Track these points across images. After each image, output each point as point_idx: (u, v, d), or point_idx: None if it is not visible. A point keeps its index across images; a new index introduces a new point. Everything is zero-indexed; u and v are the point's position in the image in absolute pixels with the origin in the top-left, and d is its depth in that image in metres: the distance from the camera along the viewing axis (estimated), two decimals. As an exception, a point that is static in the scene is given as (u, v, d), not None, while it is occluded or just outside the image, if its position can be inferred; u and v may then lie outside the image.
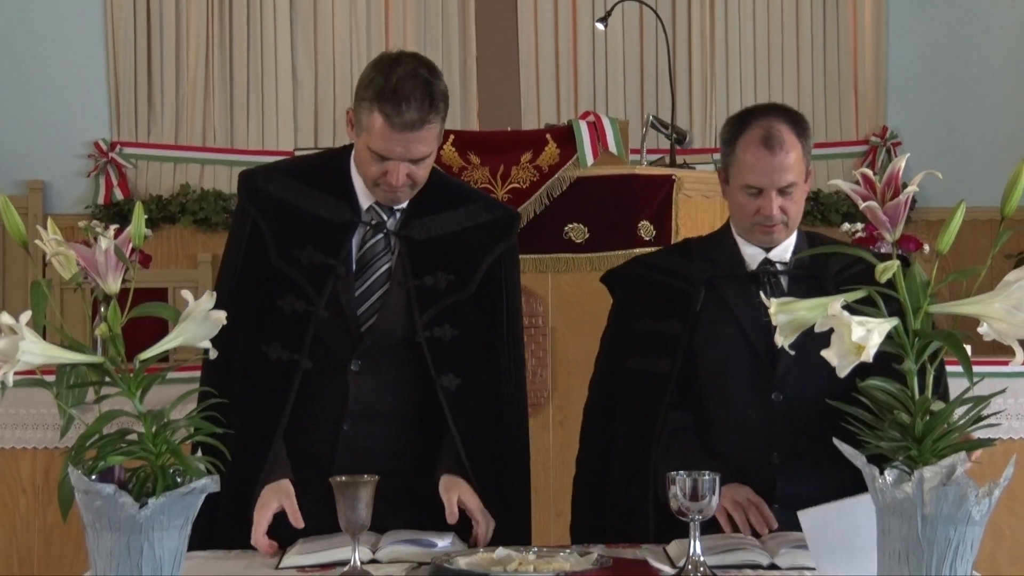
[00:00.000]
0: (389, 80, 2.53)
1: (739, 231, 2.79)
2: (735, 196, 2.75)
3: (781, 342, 2.05)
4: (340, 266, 2.60)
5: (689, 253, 2.85)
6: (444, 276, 2.64)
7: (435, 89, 2.55)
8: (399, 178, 2.56)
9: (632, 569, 2.27)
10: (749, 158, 2.69)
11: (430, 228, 2.68)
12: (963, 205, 2.05)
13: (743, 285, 2.74)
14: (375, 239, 2.65)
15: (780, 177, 2.67)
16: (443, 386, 2.62)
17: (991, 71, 6.12)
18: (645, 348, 2.80)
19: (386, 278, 2.63)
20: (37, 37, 6.25)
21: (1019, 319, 1.95)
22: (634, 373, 2.82)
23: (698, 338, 2.73)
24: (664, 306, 2.79)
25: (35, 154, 6.29)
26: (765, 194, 2.68)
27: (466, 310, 2.68)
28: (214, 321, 2.05)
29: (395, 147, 2.53)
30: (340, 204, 2.65)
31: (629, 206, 4.08)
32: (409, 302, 2.62)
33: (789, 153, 2.67)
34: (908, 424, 2.00)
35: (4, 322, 1.97)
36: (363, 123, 2.57)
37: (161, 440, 1.99)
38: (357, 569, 2.23)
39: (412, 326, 2.61)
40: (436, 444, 2.66)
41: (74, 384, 2.05)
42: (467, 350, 2.67)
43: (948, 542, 1.96)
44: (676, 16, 6.46)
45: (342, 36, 6.57)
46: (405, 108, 2.50)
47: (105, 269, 2.02)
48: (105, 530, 1.96)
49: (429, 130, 2.54)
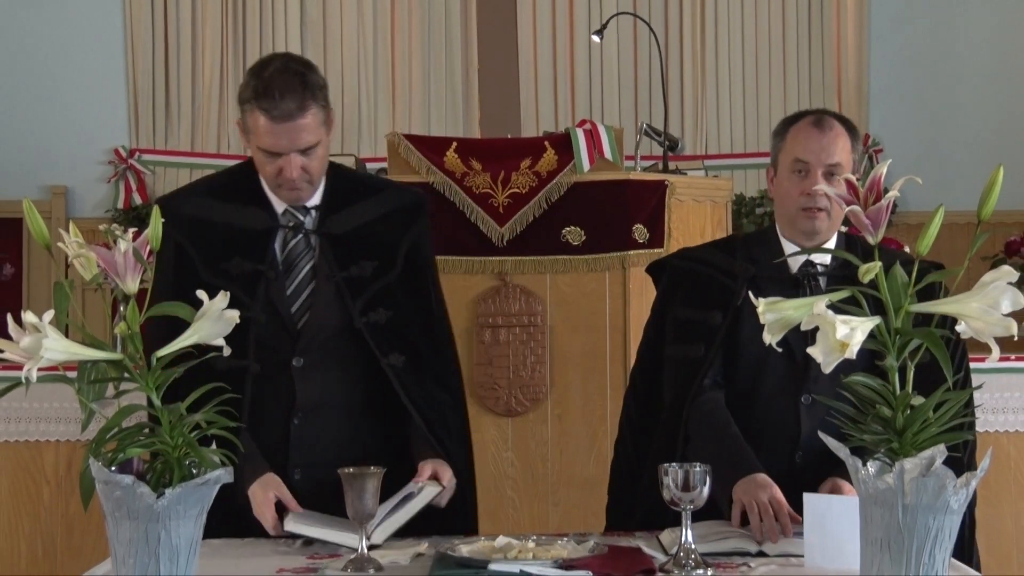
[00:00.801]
0: (262, 79, 2.53)
1: (784, 223, 2.75)
2: (782, 183, 2.71)
3: (769, 340, 2.04)
4: (268, 270, 2.61)
5: (734, 250, 2.82)
6: (368, 263, 2.66)
7: (308, 79, 2.55)
8: (293, 171, 2.55)
9: (626, 556, 2.27)
10: (800, 136, 2.69)
11: (346, 221, 2.69)
12: (942, 209, 2.05)
13: (784, 286, 2.67)
14: (296, 240, 2.66)
15: (828, 154, 2.65)
16: (391, 364, 2.63)
17: (968, 82, 6.12)
18: (683, 335, 2.78)
19: (312, 275, 2.64)
20: (60, 52, 6.25)
21: (995, 318, 1.95)
22: (671, 360, 2.80)
23: (739, 333, 2.70)
24: (706, 297, 2.76)
25: (58, 161, 6.29)
26: (811, 172, 2.65)
27: (396, 292, 2.69)
28: (228, 320, 2.05)
29: (280, 140, 2.53)
30: (257, 212, 2.65)
31: (624, 210, 4.08)
32: (340, 293, 2.62)
33: (839, 137, 2.67)
34: (890, 418, 2.00)
35: (28, 321, 1.97)
36: (249, 126, 2.58)
37: (177, 433, 1.99)
38: (364, 556, 2.23)
39: (347, 316, 2.63)
40: (389, 430, 2.67)
41: (95, 380, 2.05)
42: (405, 328, 2.68)
43: (927, 530, 1.96)
44: (668, 29, 6.46)
45: (349, 47, 6.57)
46: (279, 99, 2.50)
47: (124, 270, 2.02)
48: (124, 519, 1.96)
49: (310, 117, 2.53)
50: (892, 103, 6.22)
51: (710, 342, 2.71)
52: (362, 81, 6.53)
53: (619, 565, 2.19)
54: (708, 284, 2.78)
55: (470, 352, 4.06)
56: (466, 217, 4.07)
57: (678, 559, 2.18)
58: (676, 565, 2.17)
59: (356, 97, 6.53)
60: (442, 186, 4.08)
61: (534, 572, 2.12)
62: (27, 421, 4.24)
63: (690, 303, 2.80)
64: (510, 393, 4.04)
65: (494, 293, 4.08)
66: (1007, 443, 4.24)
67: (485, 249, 4.07)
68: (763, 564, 2.24)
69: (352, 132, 6.51)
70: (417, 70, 6.55)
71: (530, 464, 3.87)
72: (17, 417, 4.24)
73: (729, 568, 2.21)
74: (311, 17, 6.54)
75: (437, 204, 4.06)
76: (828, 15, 6.38)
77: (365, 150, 6.26)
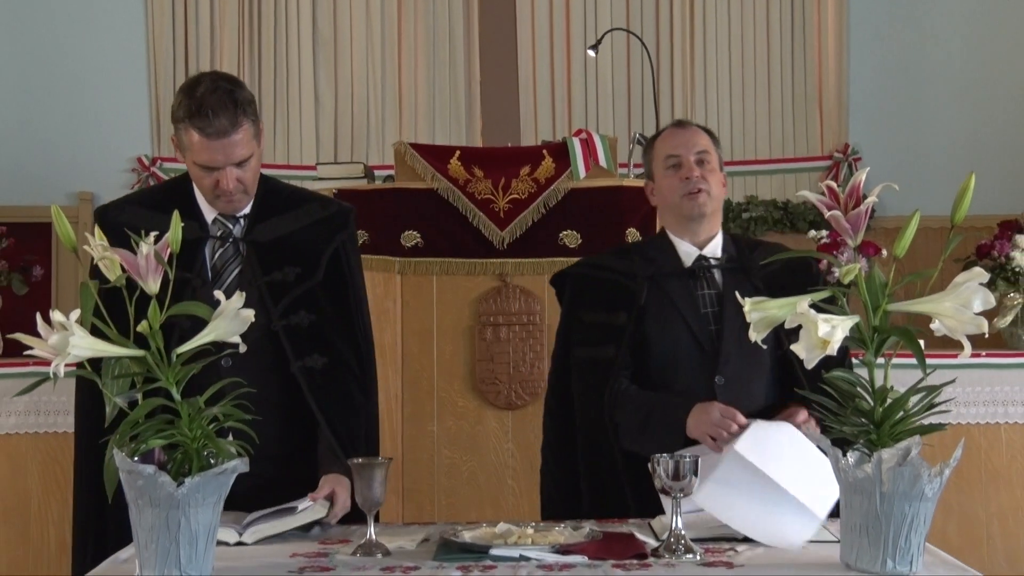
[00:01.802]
0: (194, 98, 2.54)
1: (671, 220, 2.81)
2: (661, 184, 2.80)
3: (755, 338, 2.05)
4: (195, 277, 2.61)
5: (629, 254, 2.87)
6: (292, 269, 2.66)
7: (238, 96, 2.57)
8: (230, 183, 2.57)
9: (620, 542, 2.27)
10: (667, 137, 2.83)
11: (273, 230, 2.69)
12: (917, 214, 2.05)
13: (682, 280, 2.75)
14: (224, 247, 2.66)
15: (693, 143, 2.78)
16: (306, 367, 2.61)
17: (942, 95, 6.12)
18: (591, 338, 2.80)
19: (239, 280, 2.63)
20: (88, 65, 6.26)
21: (967, 316, 1.95)
22: (581, 361, 2.81)
23: (646, 331, 2.73)
24: (610, 300, 2.79)
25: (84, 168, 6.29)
26: (684, 163, 2.75)
27: (318, 296, 2.68)
28: (243, 318, 2.06)
29: (216, 156, 2.55)
30: (188, 223, 2.56)
31: (618, 214, 4.08)
32: (262, 297, 2.61)
33: (698, 132, 2.83)
34: (868, 411, 2.00)
35: (56, 319, 1.97)
36: (184, 143, 2.59)
37: (196, 426, 1.99)
38: (372, 541, 2.23)
39: (270, 319, 2.61)
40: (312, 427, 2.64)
41: (118, 375, 2.05)
42: (328, 331, 2.68)
43: (904, 516, 1.97)
44: (659, 44, 6.45)
45: (359, 62, 6.56)
46: (213, 118, 2.52)
47: (146, 271, 2.02)
48: (146, 506, 1.96)
49: (242, 132, 2.55)
50: (870, 114, 6.22)
51: (618, 342, 2.73)
52: (370, 93, 6.52)
53: (613, 550, 2.19)
54: (610, 288, 2.80)
55: (472, 349, 4.07)
56: (469, 221, 4.07)
57: (668, 544, 2.17)
58: (667, 550, 2.16)
59: (365, 108, 6.52)
60: (446, 192, 4.07)
61: (533, 556, 2.12)
62: (55, 414, 4.24)
63: (595, 307, 2.81)
64: (510, 387, 4.04)
65: (495, 293, 4.08)
66: (978, 434, 4.24)
67: (486, 251, 4.07)
68: (749, 549, 2.24)
69: (361, 141, 6.50)
70: (422, 83, 6.54)
71: (529, 455, 3.87)
72: (46, 410, 4.24)
73: (717, 553, 2.21)
74: (323, 34, 6.53)
75: (441, 209, 4.06)
76: (810, 31, 6.37)
77: (373, 158, 6.25)
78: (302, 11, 6.51)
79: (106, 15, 6.30)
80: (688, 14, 6.45)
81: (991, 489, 4.25)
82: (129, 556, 2.18)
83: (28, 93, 6.21)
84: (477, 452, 4.03)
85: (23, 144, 6.23)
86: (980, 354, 4.24)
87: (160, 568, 1.96)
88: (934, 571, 2.04)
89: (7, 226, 4.69)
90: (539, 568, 2.07)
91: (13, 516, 4.25)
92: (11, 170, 6.17)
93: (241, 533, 2.32)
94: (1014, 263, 4.42)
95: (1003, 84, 6.06)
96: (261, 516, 2.38)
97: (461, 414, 4.03)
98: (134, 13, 6.37)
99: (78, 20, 6.25)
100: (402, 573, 2.06)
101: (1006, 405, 4.26)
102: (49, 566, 4.24)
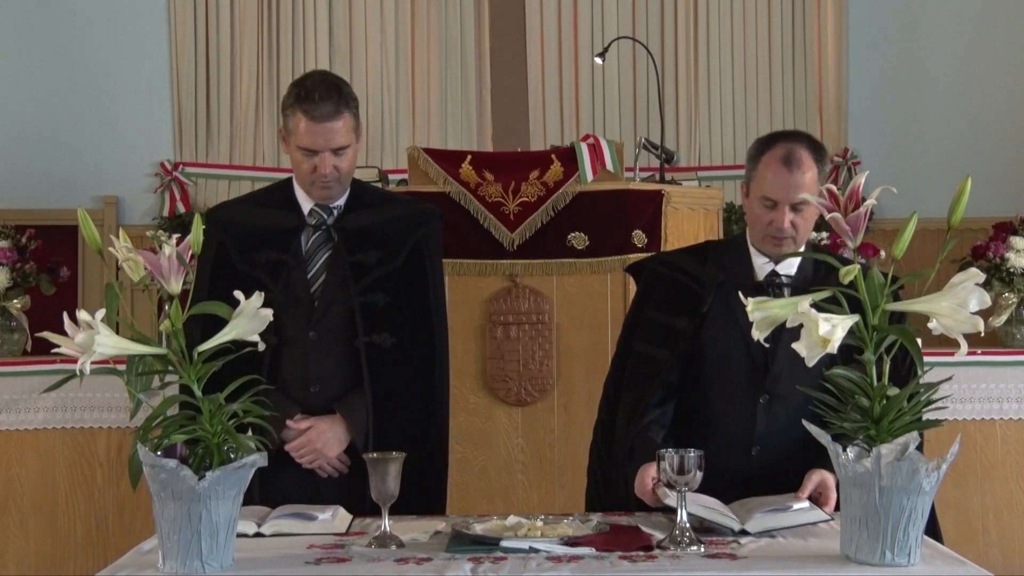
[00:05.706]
0: (304, 87, 2.73)
1: (753, 240, 2.72)
2: (753, 207, 2.68)
3: (756, 336, 2.04)
4: (291, 259, 2.76)
5: (705, 257, 2.79)
6: (375, 253, 2.78)
7: (344, 89, 2.76)
8: (327, 167, 2.71)
9: (627, 534, 2.26)
10: (769, 174, 2.62)
11: (362, 219, 2.82)
12: (915, 216, 2.05)
13: (749, 294, 2.67)
14: (317, 234, 2.80)
15: (794, 193, 2.59)
16: (372, 343, 2.72)
17: (939, 101, 6.10)
18: (652, 336, 2.77)
19: (329, 263, 2.77)
20: (113, 74, 6.28)
21: (963, 316, 1.95)
22: (638, 356, 2.79)
23: (704, 336, 2.69)
24: (675, 302, 2.75)
25: (110, 173, 6.31)
26: (779, 208, 2.61)
27: (397, 281, 2.78)
28: (263, 318, 2.06)
29: (317, 139, 2.69)
30: (288, 214, 2.82)
31: (624, 217, 4.07)
32: (345, 277, 2.75)
33: (805, 173, 2.60)
34: (868, 407, 2.00)
35: (82, 319, 1.97)
36: (290, 128, 2.73)
37: (217, 421, 1.99)
38: (387, 533, 2.22)
39: (350, 296, 2.74)
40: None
41: (142, 372, 2.05)
42: (402, 315, 2.77)
43: (902, 510, 1.96)
44: (664, 52, 6.45)
45: (373, 69, 6.57)
46: (319, 102, 2.68)
47: (168, 273, 2.02)
48: (169, 499, 1.96)
49: (343, 122, 2.71)
50: (869, 119, 6.20)
51: (673, 346, 2.70)
52: (385, 99, 6.53)
53: (620, 542, 2.18)
54: (679, 290, 2.76)
55: (483, 347, 4.06)
56: (480, 223, 4.06)
57: (674, 537, 2.17)
58: (672, 542, 2.16)
59: (379, 113, 6.52)
60: (458, 195, 4.07)
61: (542, 548, 2.12)
62: (81, 410, 4.26)
63: (661, 307, 2.78)
64: (520, 385, 4.03)
65: (505, 293, 4.08)
66: (974, 430, 4.23)
67: (497, 253, 4.07)
68: (752, 541, 2.24)
69: (375, 146, 6.50)
70: (435, 89, 6.54)
71: (538, 450, 3.87)
72: (72, 406, 4.26)
73: (720, 545, 2.20)
74: (339, 42, 6.54)
75: (453, 212, 4.06)
76: (810, 39, 6.37)
77: (388, 162, 6.25)
78: (319, 20, 6.52)
79: (130, 26, 6.33)
80: (692, 23, 6.44)
81: (986, 483, 4.24)
82: (152, 547, 2.18)
83: (55, 101, 6.23)
84: (488, 447, 4.02)
85: (50, 150, 6.25)
86: (976, 352, 4.23)
87: (182, 558, 1.96)
88: (932, 562, 2.03)
89: (35, 229, 4.70)
90: (548, 559, 2.07)
91: (41, 509, 4.27)
92: (39, 175, 6.19)
93: (259, 525, 2.32)
94: (1009, 264, 4.41)
95: (998, 90, 6.05)
96: (283, 515, 2.38)
97: (472, 410, 4.03)
98: (158, 24, 6.39)
99: (104, 31, 6.27)
100: (416, 564, 2.06)
101: (1001, 402, 4.25)
102: (76, 558, 4.25)
